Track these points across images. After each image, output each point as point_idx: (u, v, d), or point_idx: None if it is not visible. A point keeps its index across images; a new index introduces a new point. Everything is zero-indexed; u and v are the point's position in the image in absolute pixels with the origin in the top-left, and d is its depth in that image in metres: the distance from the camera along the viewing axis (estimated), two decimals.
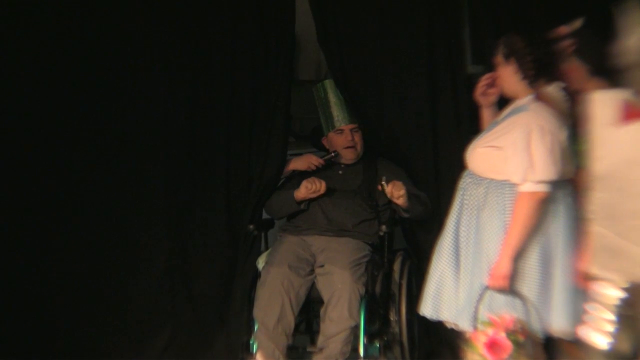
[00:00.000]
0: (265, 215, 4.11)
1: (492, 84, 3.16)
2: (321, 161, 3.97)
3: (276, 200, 3.94)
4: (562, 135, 2.95)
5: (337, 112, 3.98)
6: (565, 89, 3.10)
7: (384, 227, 3.78)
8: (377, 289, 3.76)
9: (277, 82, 3.93)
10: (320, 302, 3.69)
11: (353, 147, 3.98)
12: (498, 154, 2.96)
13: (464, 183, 3.08)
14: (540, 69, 2.97)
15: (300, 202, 3.90)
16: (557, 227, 3.01)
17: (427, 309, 3.12)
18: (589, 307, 2.79)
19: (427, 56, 3.89)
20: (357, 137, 3.99)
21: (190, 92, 3.96)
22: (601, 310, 2.73)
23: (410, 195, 3.75)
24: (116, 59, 3.82)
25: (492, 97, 3.17)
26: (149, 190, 3.92)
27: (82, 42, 3.75)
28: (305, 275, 3.77)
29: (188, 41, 3.92)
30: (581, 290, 2.91)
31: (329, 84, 3.98)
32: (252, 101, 4.01)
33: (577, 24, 2.95)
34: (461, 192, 3.09)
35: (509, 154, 2.93)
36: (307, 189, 3.80)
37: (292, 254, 3.82)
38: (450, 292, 3.10)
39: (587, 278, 2.79)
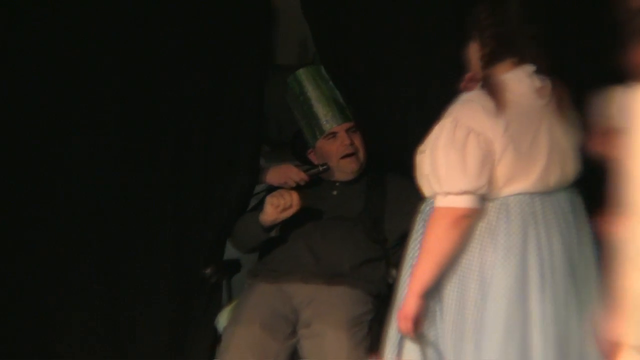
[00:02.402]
0: (229, 255, 3.70)
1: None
2: (304, 176, 3.55)
3: (238, 227, 3.56)
4: (498, 134, 2.66)
5: (324, 110, 3.61)
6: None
7: (394, 272, 3.34)
8: None
9: (246, 69, 3.58)
10: None
11: (353, 154, 3.56)
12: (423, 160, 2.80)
13: (423, 206, 2.86)
14: (501, 47, 2.74)
15: (269, 228, 3.46)
16: (552, 262, 2.70)
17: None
18: None
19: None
20: (357, 140, 3.57)
21: (121, 86, 3.61)
22: None
23: None
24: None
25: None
26: (72, 212, 3.61)
27: None
28: (284, 338, 3.40)
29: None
30: None
31: (304, 74, 3.64)
32: (211, 96, 3.61)
33: None
34: (420, 215, 2.85)
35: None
36: (274, 206, 3.39)
37: (266, 308, 3.43)
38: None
39: (616, 350, 2.37)
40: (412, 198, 3.30)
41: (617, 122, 2.54)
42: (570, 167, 2.79)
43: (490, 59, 2.76)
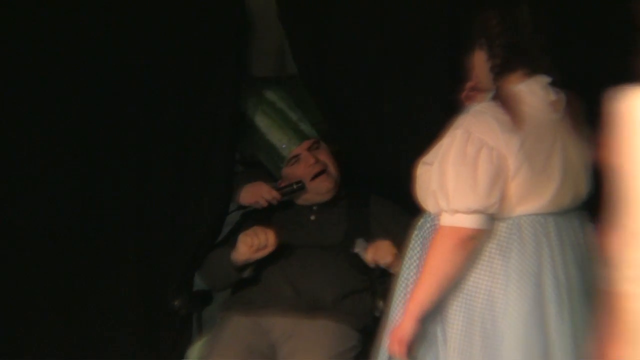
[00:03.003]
0: (200, 285, 3.60)
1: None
2: (276, 194, 3.44)
3: (208, 263, 3.47)
4: (513, 151, 2.64)
5: (278, 136, 3.54)
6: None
7: (381, 304, 3.23)
8: None
9: (220, 82, 3.49)
10: None
11: (323, 171, 3.47)
12: (430, 173, 2.76)
13: (420, 221, 2.83)
14: (512, 57, 2.71)
15: (242, 268, 3.37)
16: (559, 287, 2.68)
17: None
18: None
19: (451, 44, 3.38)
20: (323, 155, 3.49)
21: (82, 100, 3.52)
22: None
23: None
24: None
25: (480, 101, 2.86)
26: (30, 238, 3.53)
27: None
28: None
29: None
30: None
31: (246, 106, 3.56)
32: (181, 113, 3.53)
33: None
34: (416, 231, 2.82)
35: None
36: (247, 246, 3.30)
37: (240, 344, 3.34)
38: None
39: None
40: (399, 221, 3.33)
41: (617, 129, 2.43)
42: (582, 187, 2.76)
43: (502, 70, 2.73)
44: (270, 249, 3.34)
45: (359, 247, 3.35)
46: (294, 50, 3.52)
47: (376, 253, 3.32)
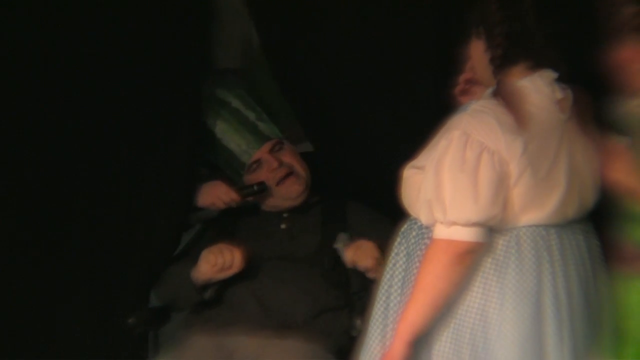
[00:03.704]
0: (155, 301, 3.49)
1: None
2: (234, 196, 3.32)
3: (165, 281, 3.35)
4: (515, 155, 2.57)
5: (236, 140, 3.41)
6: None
7: (359, 322, 3.12)
8: None
9: (181, 74, 3.35)
10: None
11: (290, 173, 3.37)
12: (420, 177, 2.69)
13: (404, 227, 2.78)
14: (514, 48, 2.63)
15: (203, 288, 3.25)
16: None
17: None
18: None
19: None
20: (288, 156, 3.39)
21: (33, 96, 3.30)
22: None
23: None
24: None
25: (478, 96, 2.82)
26: None
27: None
28: None
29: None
30: None
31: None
32: (136, 109, 3.33)
33: None
34: (400, 238, 2.76)
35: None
36: (210, 264, 3.19)
37: None
38: None
39: None
40: (378, 229, 3.25)
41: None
42: (589, 197, 2.67)
43: (503, 62, 2.63)
44: (235, 270, 3.21)
45: (340, 243, 3.25)
46: (265, 45, 3.42)
47: (356, 253, 3.20)
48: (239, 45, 3.88)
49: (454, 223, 2.54)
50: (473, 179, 2.54)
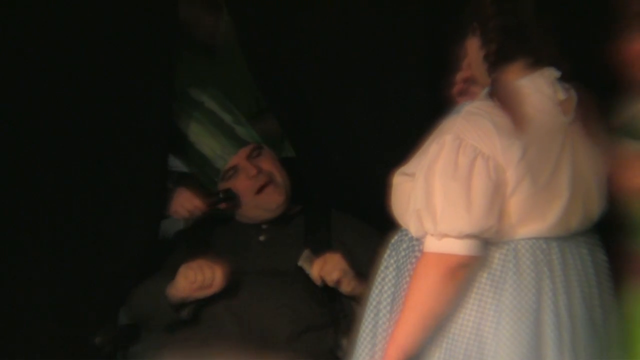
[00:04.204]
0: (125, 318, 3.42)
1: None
2: (199, 204, 3.24)
3: (139, 297, 3.25)
4: (512, 161, 2.47)
5: (210, 144, 3.33)
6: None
7: (345, 342, 3.09)
8: None
9: (149, 62, 3.21)
10: None
11: (269, 182, 3.28)
12: (410, 185, 2.61)
13: (394, 239, 2.69)
14: (509, 43, 2.55)
15: (178, 306, 3.15)
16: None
17: None
18: None
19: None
20: (267, 163, 3.30)
21: None
22: None
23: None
24: None
25: (478, 96, 2.74)
26: None
27: None
28: None
29: None
30: None
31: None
32: (103, 108, 3.19)
33: None
34: (389, 251, 2.67)
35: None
36: (189, 281, 3.10)
37: None
38: None
39: None
40: (365, 241, 3.21)
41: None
42: (594, 206, 2.58)
43: (498, 59, 2.54)
44: (215, 289, 3.11)
45: (303, 260, 3.16)
46: (243, 42, 3.30)
47: (323, 268, 3.10)
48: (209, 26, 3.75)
49: (446, 235, 2.46)
50: (466, 187, 2.45)
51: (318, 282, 3.14)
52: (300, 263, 3.16)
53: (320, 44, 3.25)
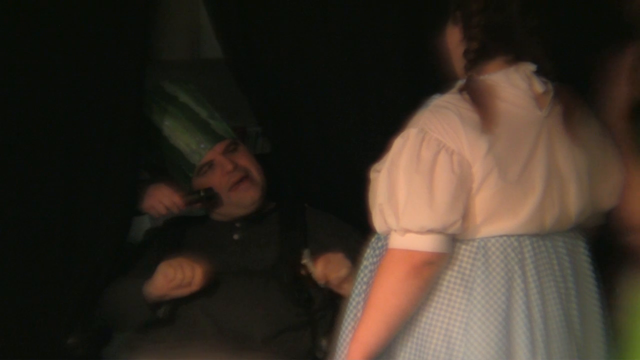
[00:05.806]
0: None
1: None
2: (177, 200, 3.18)
3: (111, 297, 3.17)
4: (479, 155, 2.45)
5: (185, 139, 3.27)
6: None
7: (324, 343, 3.06)
8: None
9: (120, 66, 3.16)
10: None
11: (245, 177, 3.22)
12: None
13: (374, 238, 2.65)
14: (492, 42, 2.51)
15: (156, 305, 3.09)
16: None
17: None
18: None
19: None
20: (243, 159, 3.25)
21: None
22: None
23: None
24: None
25: None
26: None
27: None
28: None
29: None
30: None
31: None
32: (71, 105, 3.14)
33: None
34: (369, 250, 2.63)
35: None
36: (168, 279, 3.04)
37: None
38: None
39: None
40: (342, 240, 3.19)
41: None
42: (573, 204, 2.55)
43: (478, 56, 2.51)
44: (194, 288, 3.05)
45: (307, 258, 3.11)
46: (220, 36, 3.25)
47: (327, 266, 3.06)
48: (186, 35, 3.74)
49: (408, 230, 2.44)
50: (428, 181, 2.43)
51: (322, 281, 3.10)
52: (304, 261, 3.13)
53: (298, 40, 3.22)
